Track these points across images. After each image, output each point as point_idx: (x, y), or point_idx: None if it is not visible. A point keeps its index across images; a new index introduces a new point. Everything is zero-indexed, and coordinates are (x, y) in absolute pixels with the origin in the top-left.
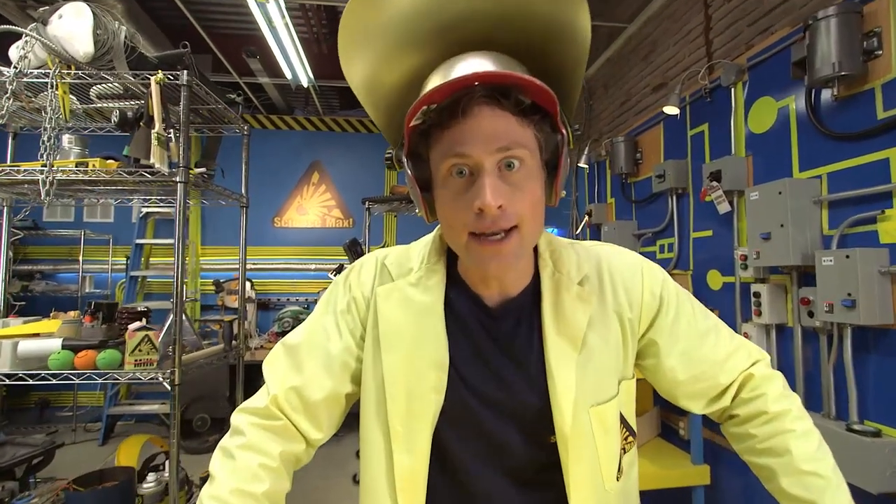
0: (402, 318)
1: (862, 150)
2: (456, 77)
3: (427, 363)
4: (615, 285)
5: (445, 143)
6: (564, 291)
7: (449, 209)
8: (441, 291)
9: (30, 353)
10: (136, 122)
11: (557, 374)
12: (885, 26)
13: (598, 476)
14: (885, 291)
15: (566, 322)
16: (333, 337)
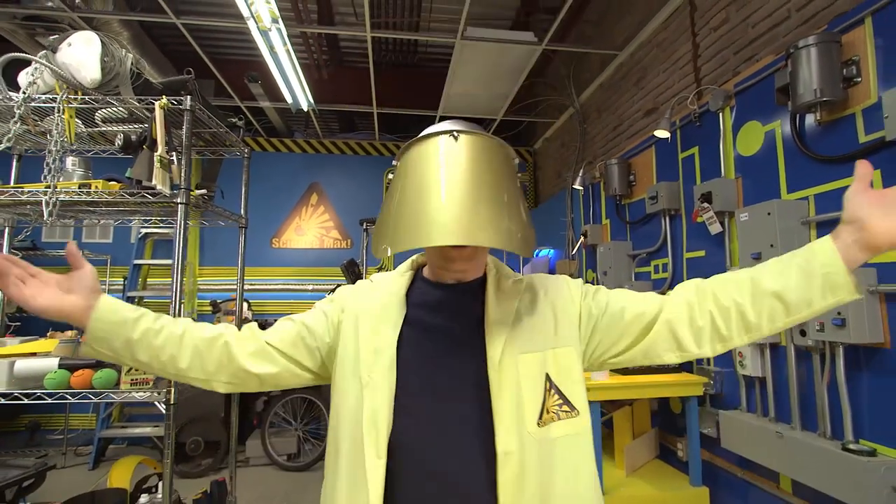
0: (373, 300)
1: (846, 172)
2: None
3: (387, 322)
4: (547, 291)
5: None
6: (503, 280)
7: None
8: (403, 288)
9: (26, 372)
10: (139, 145)
11: (492, 328)
12: (862, 54)
13: (521, 417)
14: (874, 310)
15: (504, 296)
16: (314, 324)
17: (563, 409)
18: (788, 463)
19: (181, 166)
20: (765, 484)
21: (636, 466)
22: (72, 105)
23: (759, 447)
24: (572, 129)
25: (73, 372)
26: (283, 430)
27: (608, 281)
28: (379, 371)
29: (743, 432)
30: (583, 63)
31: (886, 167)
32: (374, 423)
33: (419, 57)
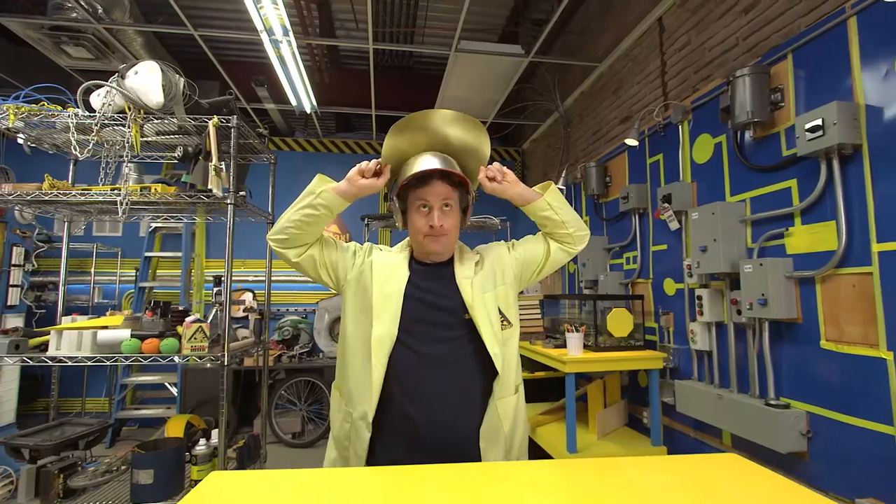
0: (384, 260)
1: (773, 179)
2: (427, 169)
3: (396, 280)
4: (489, 254)
5: (418, 194)
6: (465, 256)
7: (416, 224)
8: (406, 258)
9: (106, 340)
10: (195, 155)
11: (462, 282)
12: (785, 84)
13: (492, 327)
14: (789, 292)
15: (465, 264)
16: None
17: (504, 323)
18: (727, 420)
19: (229, 173)
20: (711, 440)
21: (606, 432)
22: (138, 122)
23: (706, 409)
24: (557, 132)
25: (142, 340)
26: (288, 410)
27: (587, 272)
28: (388, 312)
29: (693, 398)
30: (566, 72)
31: (801, 177)
32: (380, 343)
33: (415, 61)
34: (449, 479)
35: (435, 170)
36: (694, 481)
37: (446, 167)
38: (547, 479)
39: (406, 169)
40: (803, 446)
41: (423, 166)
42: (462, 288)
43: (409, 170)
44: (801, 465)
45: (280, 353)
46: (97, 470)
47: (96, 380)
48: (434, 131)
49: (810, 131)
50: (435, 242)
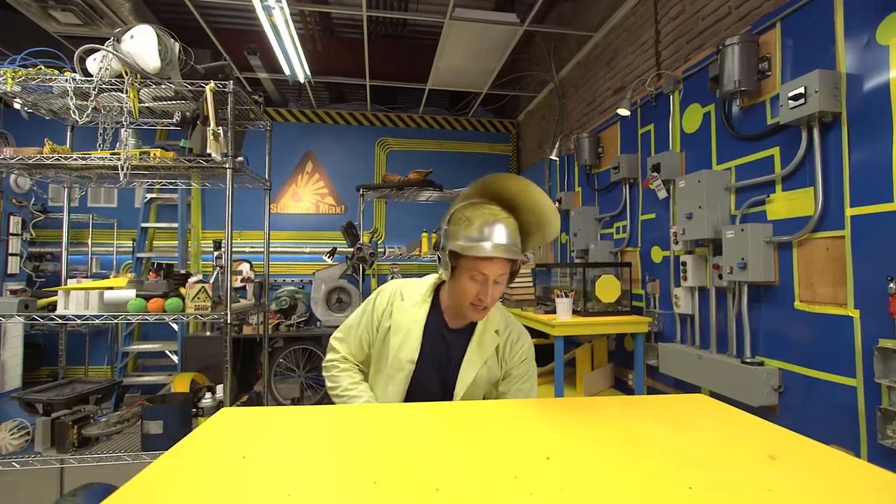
0: (403, 322)
1: (757, 148)
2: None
3: (409, 348)
4: (508, 344)
5: (478, 265)
6: (487, 332)
7: (465, 290)
8: (425, 314)
9: (112, 300)
10: (193, 120)
11: (465, 372)
12: (773, 53)
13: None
14: (768, 256)
15: (483, 347)
16: (364, 326)
17: None
18: (706, 378)
19: (227, 139)
20: None
21: (593, 392)
22: (136, 87)
23: (687, 369)
24: (552, 104)
25: (147, 300)
26: (286, 377)
27: (578, 242)
28: (399, 377)
29: (676, 359)
30: (562, 42)
31: (783, 145)
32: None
33: (409, 30)
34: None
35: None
36: (663, 416)
37: (512, 255)
38: (523, 414)
39: (469, 231)
40: (774, 400)
41: (493, 239)
42: (462, 375)
43: (472, 234)
44: (772, 416)
45: (278, 322)
46: (109, 420)
47: (98, 347)
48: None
49: (793, 99)
50: (478, 314)
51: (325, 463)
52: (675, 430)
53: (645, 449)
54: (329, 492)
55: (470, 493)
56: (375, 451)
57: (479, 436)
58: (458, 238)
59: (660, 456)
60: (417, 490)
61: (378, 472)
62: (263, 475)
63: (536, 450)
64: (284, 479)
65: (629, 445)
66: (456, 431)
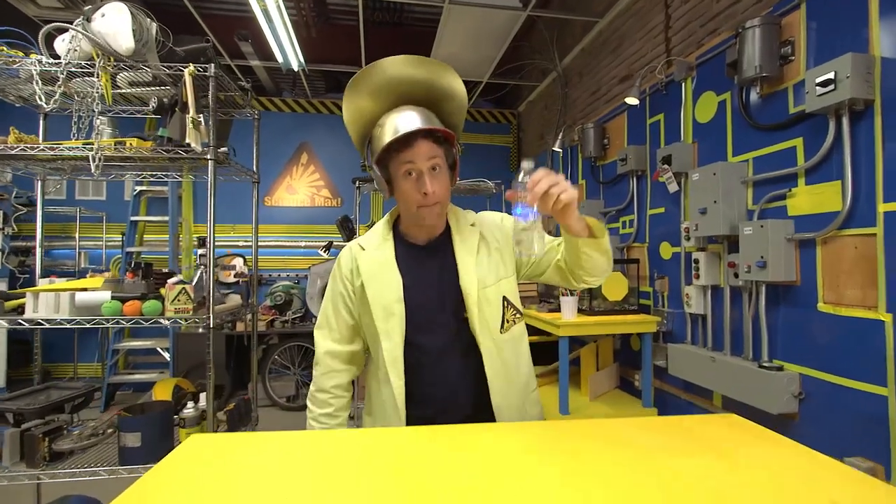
0: (373, 268)
1: (778, 139)
2: (408, 131)
3: (390, 289)
4: (492, 230)
5: (402, 158)
6: (463, 227)
7: (406, 194)
8: (391, 250)
9: (85, 302)
10: (171, 107)
11: (463, 271)
12: (797, 37)
13: (490, 328)
14: (789, 254)
15: (466, 241)
16: (339, 298)
17: (516, 316)
18: (719, 382)
19: (208, 127)
20: (702, 402)
21: (598, 393)
22: (108, 70)
23: (698, 371)
24: (555, 93)
25: (124, 303)
26: (282, 374)
27: None
28: (392, 325)
29: (686, 361)
30: (565, 28)
31: (807, 135)
32: (394, 360)
33: (407, 17)
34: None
35: (418, 130)
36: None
37: (428, 124)
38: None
39: (380, 132)
40: (794, 407)
41: (401, 126)
42: (463, 277)
43: (384, 132)
44: (791, 425)
45: (272, 318)
46: (83, 433)
47: (87, 345)
48: (396, 82)
49: (821, 85)
50: (429, 213)
51: (300, 500)
52: (715, 463)
53: (684, 490)
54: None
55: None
56: (359, 484)
57: (476, 470)
58: (378, 145)
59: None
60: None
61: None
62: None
63: (548, 493)
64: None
65: (664, 486)
66: (451, 464)
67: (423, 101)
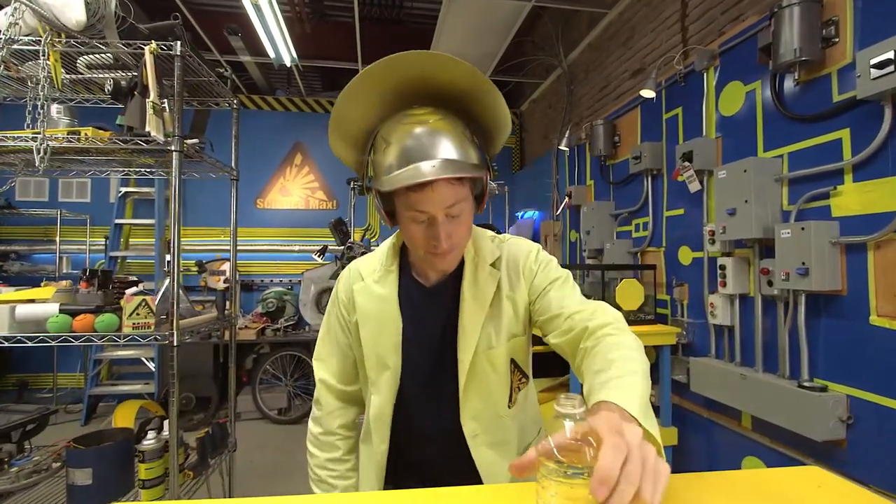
0: (370, 306)
1: (818, 130)
2: (425, 180)
3: (387, 335)
4: (510, 271)
5: (411, 200)
6: (480, 269)
7: (411, 236)
8: (395, 285)
9: (27, 317)
10: (130, 91)
11: (466, 330)
12: (841, 15)
13: (492, 403)
14: (834, 260)
15: (479, 289)
16: (337, 330)
17: (522, 381)
18: (750, 401)
19: (173, 114)
20: (728, 422)
21: None
22: (56, 48)
23: (725, 389)
24: (559, 91)
25: (74, 317)
26: (273, 385)
27: (591, 241)
28: (384, 379)
29: (711, 376)
30: (571, 22)
31: (855, 125)
32: (380, 418)
33: (405, 12)
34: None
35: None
36: None
37: (454, 170)
38: None
39: (385, 150)
40: (841, 434)
41: (415, 157)
42: (462, 341)
43: (388, 156)
44: (838, 453)
45: (264, 325)
46: (22, 470)
47: (68, 355)
48: (423, 84)
49: (877, 67)
50: (441, 261)
51: None
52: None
53: None
54: None
55: None
56: None
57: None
58: (379, 173)
59: None
60: None
61: None
62: None
63: None
64: None
65: None
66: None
67: (449, 99)
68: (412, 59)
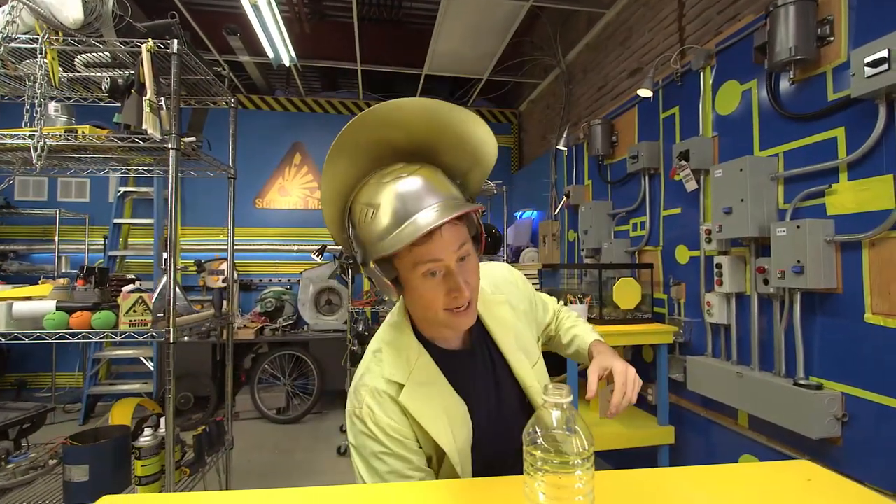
0: (427, 405)
1: (814, 129)
2: (432, 227)
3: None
4: (508, 295)
5: (418, 255)
6: (491, 304)
7: (427, 298)
8: (433, 367)
9: (24, 314)
10: (127, 89)
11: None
12: (836, 14)
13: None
14: (829, 258)
15: (500, 324)
16: (399, 463)
17: None
18: (746, 400)
19: (170, 112)
20: (724, 420)
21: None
22: (54, 46)
23: (721, 387)
24: (558, 91)
25: (71, 314)
26: (271, 385)
27: (589, 240)
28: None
29: (707, 375)
30: (569, 22)
31: (850, 124)
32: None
33: (404, 13)
34: None
35: (447, 221)
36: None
37: (455, 208)
38: None
39: (381, 221)
40: (837, 431)
41: (421, 216)
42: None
43: (388, 223)
44: (833, 451)
45: (262, 325)
46: (18, 466)
47: (67, 354)
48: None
49: (871, 66)
50: (464, 317)
51: None
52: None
53: None
54: None
55: None
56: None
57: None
58: (374, 240)
59: None
60: None
61: None
62: None
63: None
64: None
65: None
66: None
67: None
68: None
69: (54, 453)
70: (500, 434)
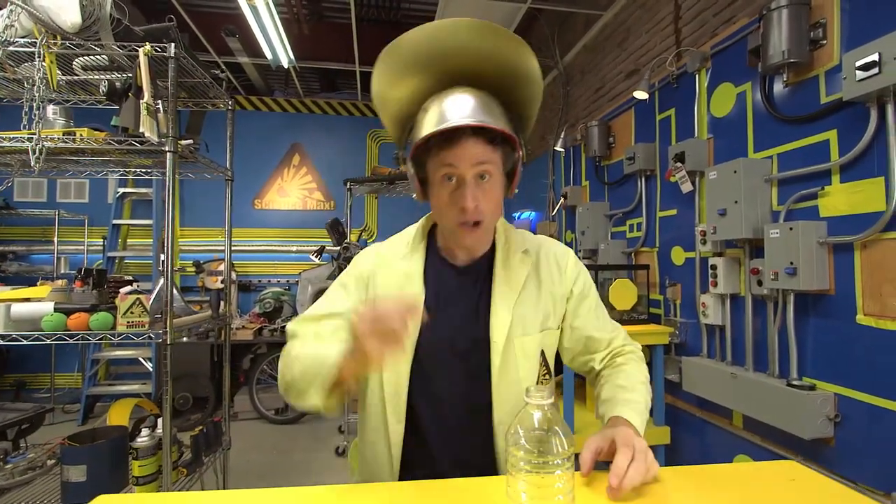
0: (391, 281)
1: (807, 132)
2: (453, 125)
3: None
4: (549, 264)
5: (441, 157)
6: (512, 255)
7: (443, 205)
8: (420, 263)
9: (22, 315)
10: (124, 92)
11: (498, 310)
12: (829, 18)
13: (519, 392)
14: (822, 260)
15: (511, 273)
16: (343, 302)
17: (545, 377)
18: (741, 400)
19: (167, 115)
20: (719, 421)
21: None
22: (52, 50)
23: (716, 388)
24: (555, 92)
25: (68, 315)
26: (270, 386)
27: (585, 241)
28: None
29: (702, 376)
30: (567, 23)
31: (842, 127)
32: (396, 395)
33: (402, 14)
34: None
35: (468, 125)
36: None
37: (483, 117)
38: None
39: (423, 118)
40: (829, 432)
41: (448, 114)
42: (494, 321)
43: (426, 120)
44: (826, 451)
45: (261, 326)
46: (17, 467)
47: (66, 355)
48: (454, 53)
49: (862, 69)
50: (469, 234)
51: None
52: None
53: None
54: None
55: None
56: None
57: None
58: (417, 134)
59: None
60: None
61: None
62: None
63: None
64: None
65: None
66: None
67: (488, 81)
68: (438, 30)
69: (52, 454)
70: (445, 342)
